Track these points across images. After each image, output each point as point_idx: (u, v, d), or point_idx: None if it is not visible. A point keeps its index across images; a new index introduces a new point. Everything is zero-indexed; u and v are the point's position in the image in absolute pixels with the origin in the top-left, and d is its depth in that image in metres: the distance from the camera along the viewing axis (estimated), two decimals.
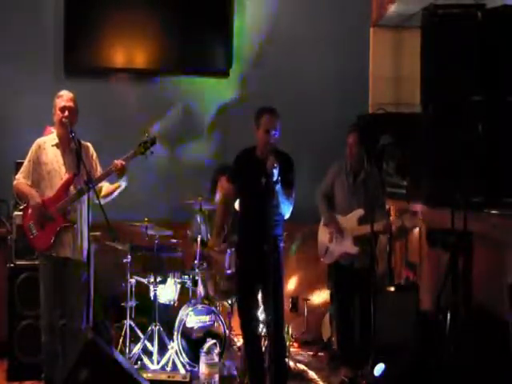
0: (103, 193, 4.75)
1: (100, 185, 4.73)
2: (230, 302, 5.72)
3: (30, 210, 4.69)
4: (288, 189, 4.68)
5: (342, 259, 5.24)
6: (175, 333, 5.43)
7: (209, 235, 5.85)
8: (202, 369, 5.21)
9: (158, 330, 5.44)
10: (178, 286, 5.67)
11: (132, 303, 5.57)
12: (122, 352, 5.44)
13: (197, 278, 5.63)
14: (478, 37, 4.89)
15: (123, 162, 4.64)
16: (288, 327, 5.96)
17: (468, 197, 4.56)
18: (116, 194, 4.80)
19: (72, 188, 4.66)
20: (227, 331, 5.49)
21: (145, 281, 5.61)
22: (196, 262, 5.61)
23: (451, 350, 4.34)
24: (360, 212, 5.15)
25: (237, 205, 5.56)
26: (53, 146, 4.74)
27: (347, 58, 6.64)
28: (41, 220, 4.64)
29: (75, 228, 4.67)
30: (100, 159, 4.90)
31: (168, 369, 5.39)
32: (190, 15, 6.51)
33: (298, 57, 6.65)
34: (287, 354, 5.44)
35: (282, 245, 4.87)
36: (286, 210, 4.72)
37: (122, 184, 4.76)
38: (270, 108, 4.78)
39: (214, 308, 5.56)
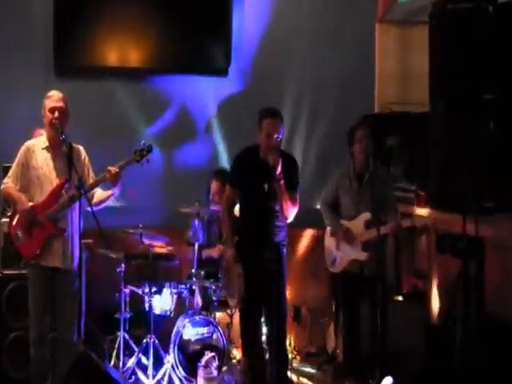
0: (95, 200, 4.74)
1: (92, 192, 4.73)
2: (229, 312, 5.74)
3: (17, 216, 4.71)
4: (292, 191, 4.71)
5: (351, 267, 5.25)
6: (171, 345, 5.43)
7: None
8: (200, 383, 5.21)
9: (154, 342, 5.45)
10: (175, 296, 5.66)
11: (126, 314, 5.57)
12: (116, 366, 5.46)
13: (194, 287, 5.64)
14: (489, 32, 4.91)
15: (117, 170, 4.64)
16: (290, 338, 5.98)
17: (479, 200, 4.58)
18: (108, 201, 4.80)
19: (63, 194, 4.67)
20: (226, 343, 5.49)
21: (139, 291, 5.62)
22: (193, 270, 5.64)
23: (462, 361, 4.35)
24: (367, 215, 5.13)
25: (237, 210, 5.59)
26: (43, 149, 4.74)
27: (351, 55, 6.67)
28: (29, 227, 4.66)
29: (65, 236, 4.68)
30: (92, 163, 4.89)
31: (164, 383, 5.39)
32: (187, 11, 6.52)
33: (300, 54, 6.68)
34: (289, 367, 5.45)
35: (284, 250, 4.90)
36: (290, 213, 4.74)
37: (116, 192, 4.77)
38: (272, 111, 4.78)
39: (212, 319, 5.56)
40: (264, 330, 5.14)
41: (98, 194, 4.81)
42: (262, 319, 5.06)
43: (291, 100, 6.40)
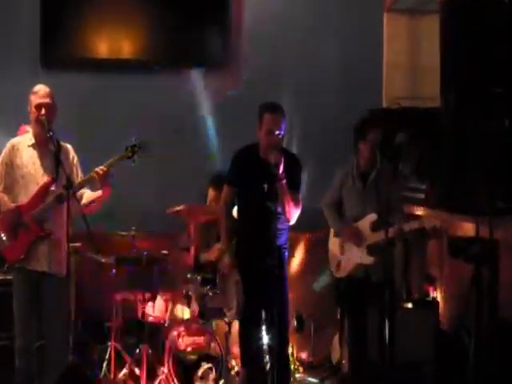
0: (84, 201, 4.74)
1: (80, 192, 4.74)
2: (227, 320, 5.75)
3: (0, 218, 4.72)
4: (295, 192, 4.73)
5: (357, 272, 5.25)
6: (166, 356, 5.42)
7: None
8: None
9: (147, 352, 5.44)
10: (170, 303, 5.69)
11: (117, 322, 5.59)
12: (107, 377, 5.46)
13: (190, 293, 5.65)
14: (503, 23, 4.91)
15: (105, 169, 4.64)
16: (292, 348, 5.99)
17: (494, 201, 4.58)
18: (98, 203, 4.78)
19: (49, 193, 4.67)
20: (224, 354, 5.46)
21: (132, 297, 5.62)
22: (189, 276, 5.64)
23: (475, 371, 4.36)
24: (373, 217, 5.12)
25: (235, 212, 5.61)
26: (29, 146, 4.74)
27: (357, 46, 6.67)
28: (13, 229, 4.64)
29: (52, 238, 4.68)
30: (81, 162, 4.89)
31: None
32: (182, 1, 6.54)
33: (303, 46, 6.68)
34: (292, 379, 5.46)
35: (286, 254, 4.92)
36: (293, 215, 4.75)
37: (105, 192, 4.73)
38: (273, 105, 4.77)
39: (209, 327, 5.56)
40: (265, 339, 5.16)
41: (88, 194, 4.81)
42: (263, 328, 5.09)
43: (294, 95, 6.41)
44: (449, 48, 5.29)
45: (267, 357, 4.97)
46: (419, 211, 5.81)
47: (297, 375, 5.99)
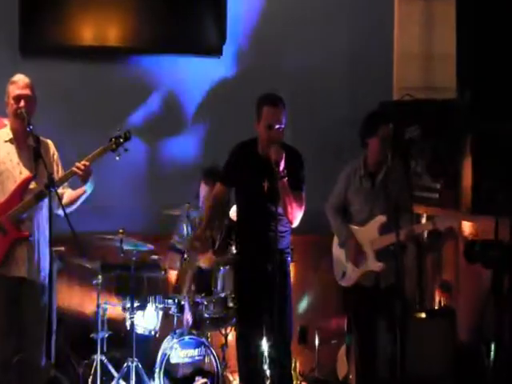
0: (66, 200, 4.72)
1: (61, 191, 4.70)
2: (224, 331, 5.71)
3: None
4: (297, 190, 4.69)
5: (365, 280, 5.22)
6: (157, 370, 5.43)
7: None
8: None
9: (136, 366, 5.44)
10: (160, 312, 5.67)
11: (104, 334, 5.56)
12: None
13: (183, 302, 5.62)
14: None
15: (87, 163, 4.61)
16: (295, 362, 5.97)
17: None
18: (80, 201, 4.78)
19: (29, 191, 4.62)
20: (220, 367, 5.47)
21: (119, 306, 5.61)
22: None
23: None
24: (381, 219, 5.10)
25: (233, 213, 5.57)
26: (6, 141, 4.72)
27: (365, 32, 6.68)
28: None
29: (32, 241, 4.65)
30: (63, 158, 4.86)
31: None
32: None
33: (306, 31, 6.67)
34: None
35: (289, 259, 4.90)
36: (296, 216, 4.72)
37: (87, 189, 4.74)
38: (273, 97, 4.76)
39: (204, 339, 5.54)
40: (265, 351, 5.13)
41: (69, 193, 4.79)
42: (263, 339, 5.06)
43: (295, 85, 6.38)
44: (466, 35, 5.27)
45: (267, 371, 4.97)
46: (432, 212, 5.77)
47: None
